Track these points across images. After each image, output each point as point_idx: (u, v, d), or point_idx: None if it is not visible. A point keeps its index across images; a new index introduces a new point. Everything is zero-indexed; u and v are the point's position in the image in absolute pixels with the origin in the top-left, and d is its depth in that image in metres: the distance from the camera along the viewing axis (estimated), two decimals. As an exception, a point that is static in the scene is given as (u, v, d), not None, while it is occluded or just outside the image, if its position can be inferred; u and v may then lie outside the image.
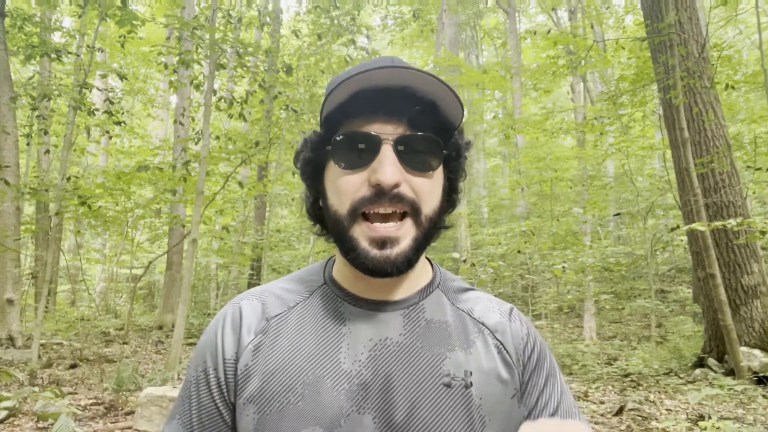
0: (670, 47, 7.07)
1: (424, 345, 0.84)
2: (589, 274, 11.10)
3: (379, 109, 0.81)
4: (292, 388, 0.80)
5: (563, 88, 18.98)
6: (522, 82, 16.98)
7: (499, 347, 0.88)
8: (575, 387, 6.89)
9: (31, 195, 8.73)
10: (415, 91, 0.81)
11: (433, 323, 0.87)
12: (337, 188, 0.83)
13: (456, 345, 0.85)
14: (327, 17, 10.54)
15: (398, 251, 0.79)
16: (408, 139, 0.81)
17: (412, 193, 0.80)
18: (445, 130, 0.85)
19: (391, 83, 0.80)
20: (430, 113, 0.82)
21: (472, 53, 24.73)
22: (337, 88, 0.79)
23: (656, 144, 11.95)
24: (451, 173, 0.90)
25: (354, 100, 0.81)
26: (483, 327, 0.90)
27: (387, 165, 0.78)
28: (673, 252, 15.37)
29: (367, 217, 0.81)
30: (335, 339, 0.84)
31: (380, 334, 0.84)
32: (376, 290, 0.87)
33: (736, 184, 7.25)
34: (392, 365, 0.82)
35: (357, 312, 0.87)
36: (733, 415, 5.22)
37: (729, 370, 6.73)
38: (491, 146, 24.40)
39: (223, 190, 10.48)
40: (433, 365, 0.83)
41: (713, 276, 6.55)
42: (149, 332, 11.95)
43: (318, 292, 0.91)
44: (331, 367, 0.81)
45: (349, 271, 0.87)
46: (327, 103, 0.82)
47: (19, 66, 11.35)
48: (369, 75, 0.77)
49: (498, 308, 0.93)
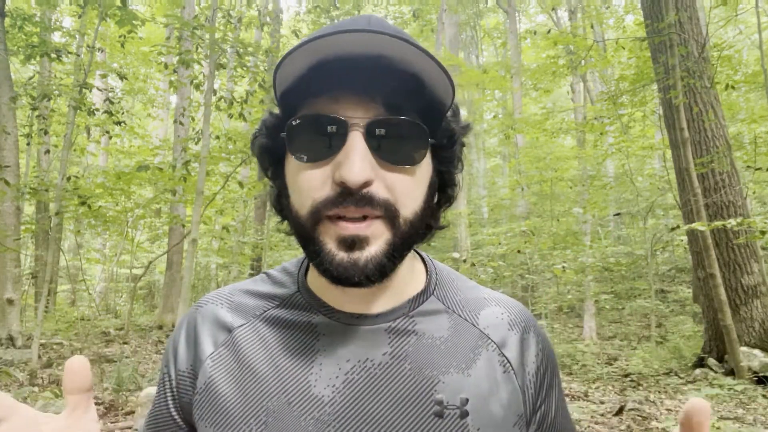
0: (670, 47, 7.05)
1: (412, 367, 0.71)
2: (589, 274, 11.10)
3: (347, 85, 0.64)
4: (255, 414, 0.69)
5: (563, 88, 18.92)
6: (522, 82, 16.93)
7: (505, 365, 0.74)
8: (575, 387, 6.85)
9: (31, 195, 8.68)
10: (392, 62, 0.63)
11: (425, 339, 0.73)
12: (296, 185, 0.68)
13: (452, 365, 0.72)
14: (327, 17, 10.54)
15: (368, 256, 0.64)
16: (383, 124, 0.64)
17: (387, 193, 0.64)
18: (432, 113, 0.68)
19: (362, 51, 0.62)
20: (412, 91, 0.65)
21: (472, 53, 24.79)
22: (293, 56, 0.63)
23: (656, 144, 11.93)
24: (442, 165, 0.73)
25: (316, 73, 0.65)
26: (488, 340, 0.75)
27: (354, 158, 0.62)
28: (673, 252, 15.32)
29: (332, 220, 0.65)
30: (306, 357, 0.72)
31: (360, 354, 0.71)
32: (355, 300, 0.73)
33: (736, 184, 7.23)
34: (373, 392, 0.69)
35: (333, 326, 0.73)
36: (733, 415, 5.21)
37: (729, 370, 6.70)
38: (491, 146, 24.35)
39: (223, 190, 10.47)
40: (423, 392, 0.69)
41: (713, 276, 6.55)
42: (149, 332, 11.87)
43: (289, 300, 0.78)
44: (299, 391, 0.70)
45: (325, 281, 0.70)
46: (281, 74, 0.66)
47: (19, 66, 11.29)
48: (334, 40, 0.61)
49: (509, 315, 0.79)
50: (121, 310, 15.10)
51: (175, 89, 8.67)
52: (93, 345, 9.62)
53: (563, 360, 8.57)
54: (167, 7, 12.53)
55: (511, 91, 16.96)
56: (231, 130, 10.93)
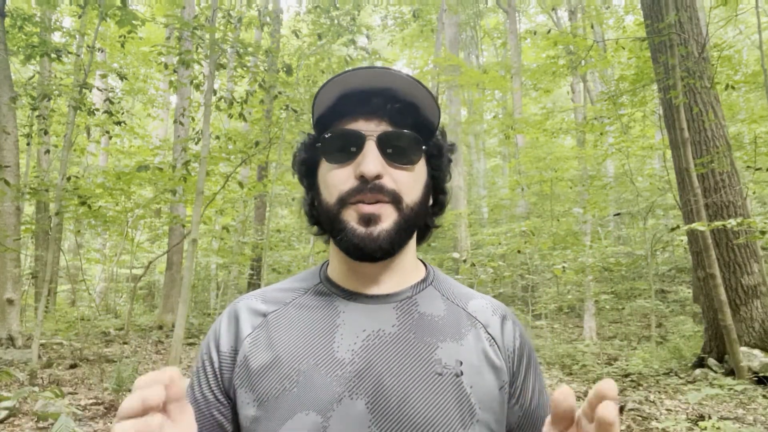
0: (670, 47, 7.02)
1: (416, 335, 0.88)
2: (589, 274, 11.06)
3: (364, 109, 0.88)
4: (288, 375, 0.84)
5: (563, 88, 18.96)
6: (522, 82, 16.98)
7: (490, 341, 0.91)
8: (575, 387, 6.83)
9: (31, 195, 8.68)
10: (396, 93, 0.88)
11: (426, 316, 0.91)
12: (326, 182, 0.90)
13: (448, 336, 0.89)
14: (327, 17, 10.52)
15: (380, 230, 0.85)
16: (390, 135, 0.87)
17: (393, 185, 0.86)
18: (425, 129, 0.92)
19: (375, 85, 0.88)
20: (410, 112, 0.90)
21: (472, 53, 24.75)
22: (324, 91, 0.87)
23: (656, 144, 11.94)
24: (434, 170, 0.96)
25: (341, 102, 0.89)
26: (476, 321, 0.93)
27: (370, 158, 0.85)
28: (673, 252, 15.33)
29: (354, 204, 0.86)
30: (330, 330, 0.88)
31: (374, 325, 0.88)
32: (368, 284, 0.92)
33: (736, 184, 7.21)
34: (385, 354, 0.85)
35: (351, 306, 0.91)
36: (733, 415, 5.21)
37: (729, 370, 6.69)
38: (491, 146, 24.41)
39: (223, 190, 10.45)
40: (425, 354, 0.86)
41: (713, 276, 6.50)
42: (149, 332, 11.88)
43: (313, 289, 0.96)
44: (325, 355, 0.85)
45: (343, 269, 0.93)
46: (317, 106, 0.90)
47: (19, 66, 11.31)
48: (354, 75, 0.86)
49: (491, 307, 0.97)
50: (121, 310, 15.14)
51: (175, 89, 8.67)
52: (93, 345, 9.62)
53: (563, 360, 8.56)
54: (167, 7, 12.53)
55: (511, 91, 17.03)
56: (231, 130, 10.98)
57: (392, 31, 20.81)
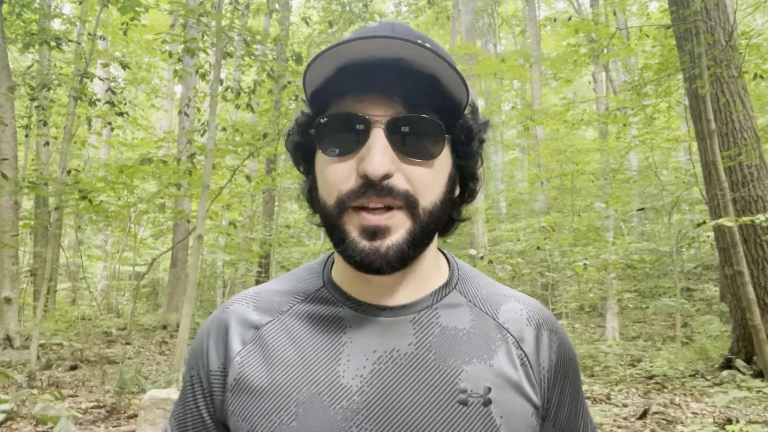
0: (696, 35, 7.00)
1: (437, 357, 0.77)
2: (611, 271, 11.05)
3: (370, 86, 0.73)
4: (285, 406, 0.74)
5: (585, 77, 19.19)
6: (542, 72, 17.11)
7: (523, 359, 0.80)
8: (597, 389, 6.92)
9: (29, 189, 8.80)
10: (410, 65, 0.72)
11: (448, 330, 0.79)
12: (324, 177, 0.76)
13: (474, 355, 0.78)
14: (338, 4, 10.72)
15: (389, 244, 0.71)
16: (402, 121, 0.72)
17: (407, 184, 0.72)
18: (448, 110, 0.76)
19: (383, 55, 0.71)
20: (429, 90, 0.74)
21: (490, 41, 25.03)
22: (320, 60, 0.72)
23: (682, 136, 11.99)
24: (461, 160, 0.81)
25: (341, 75, 0.73)
26: (507, 334, 0.81)
27: (376, 152, 0.70)
28: (699, 248, 15.51)
29: (356, 210, 0.72)
30: (334, 349, 0.78)
31: (386, 344, 0.77)
32: (380, 293, 0.79)
33: (765, 178, 7.21)
34: (400, 380, 0.75)
35: (359, 318, 0.79)
36: (761, 418, 5.20)
37: (758, 371, 6.71)
38: (509, 138, 24.78)
39: (230, 183, 10.55)
40: (448, 380, 0.75)
41: (741, 273, 6.45)
42: (153, 332, 12.20)
43: (315, 295, 0.84)
44: (328, 381, 0.75)
45: (349, 271, 0.79)
46: (310, 76, 0.74)
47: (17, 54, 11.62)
48: (357, 45, 0.70)
49: (526, 313, 0.84)
50: (123, 310, 15.51)
51: (180, 79, 8.91)
52: (94, 345, 9.72)
53: (585, 361, 8.60)
54: (172, -6, 12.46)
55: (530, 80, 17.23)
56: (238, 121, 11.30)
57: (406, 18, 21.07)
